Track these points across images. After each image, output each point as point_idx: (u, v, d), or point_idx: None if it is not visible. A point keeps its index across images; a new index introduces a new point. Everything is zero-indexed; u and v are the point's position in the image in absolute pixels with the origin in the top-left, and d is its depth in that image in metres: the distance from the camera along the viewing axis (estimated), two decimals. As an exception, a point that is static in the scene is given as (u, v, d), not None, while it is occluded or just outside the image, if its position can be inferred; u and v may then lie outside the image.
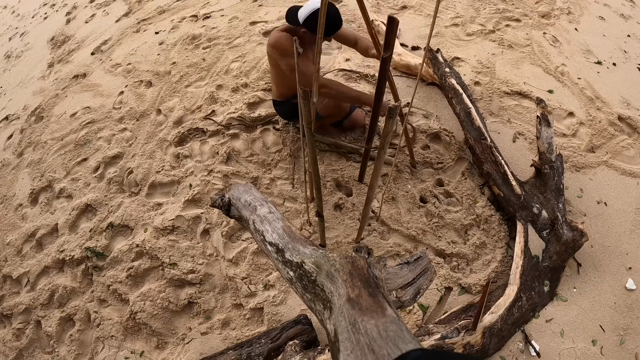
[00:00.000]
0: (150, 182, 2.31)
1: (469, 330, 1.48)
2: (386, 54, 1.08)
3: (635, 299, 1.78)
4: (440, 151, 2.29)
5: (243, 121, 2.52)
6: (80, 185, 2.40)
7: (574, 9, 3.40)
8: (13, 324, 1.98)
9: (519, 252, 1.78)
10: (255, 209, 1.15)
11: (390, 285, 0.96)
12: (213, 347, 1.75)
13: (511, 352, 1.62)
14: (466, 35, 3.09)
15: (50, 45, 4.10)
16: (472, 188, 2.13)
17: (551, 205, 1.87)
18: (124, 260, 2.03)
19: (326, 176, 2.19)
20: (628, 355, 1.63)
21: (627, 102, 2.59)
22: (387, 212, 2.05)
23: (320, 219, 1.67)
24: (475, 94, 2.59)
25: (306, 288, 0.85)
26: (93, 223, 2.21)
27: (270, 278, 1.89)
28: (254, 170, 2.29)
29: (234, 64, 2.98)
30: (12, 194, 2.55)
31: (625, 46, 3.07)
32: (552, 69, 2.79)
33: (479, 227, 2.00)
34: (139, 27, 3.76)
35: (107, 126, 2.74)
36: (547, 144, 1.93)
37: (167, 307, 1.86)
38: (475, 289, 1.81)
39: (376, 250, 1.93)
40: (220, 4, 3.77)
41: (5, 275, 2.15)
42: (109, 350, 1.81)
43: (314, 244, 0.97)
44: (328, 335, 0.68)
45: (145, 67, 3.16)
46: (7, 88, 3.76)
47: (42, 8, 5.06)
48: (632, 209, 2.07)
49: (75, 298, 1.98)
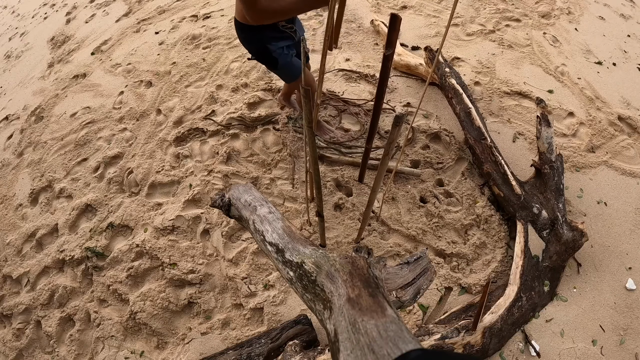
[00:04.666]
0: (150, 182, 2.31)
1: (469, 330, 1.48)
2: (388, 52, 1.08)
3: (635, 299, 1.78)
4: (440, 151, 2.29)
5: (243, 121, 2.52)
6: (80, 185, 2.40)
7: (574, 9, 3.40)
8: (13, 324, 1.98)
9: (519, 252, 1.78)
10: (255, 209, 1.15)
11: (390, 285, 0.96)
12: (213, 347, 1.75)
13: (511, 352, 1.62)
14: (466, 35, 3.10)
15: (50, 45, 4.10)
16: (472, 188, 2.13)
17: (551, 205, 1.87)
18: (124, 260, 2.03)
19: (326, 176, 2.19)
20: (628, 355, 1.63)
21: (627, 102, 2.59)
22: (387, 212, 2.05)
23: (320, 219, 1.66)
24: (475, 94, 2.59)
25: (306, 288, 0.85)
26: (93, 223, 2.21)
27: (270, 278, 1.89)
28: (254, 170, 2.29)
29: (234, 64, 2.98)
30: (12, 194, 2.55)
31: (625, 46, 3.07)
32: (552, 69, 2.79)
33: (479, 227, 2.00)
34: (139, 27, 3.76)
35: (107, 126, 2.74)
36: (547, 144, 1.93)
37: (167, 307, 1.86)
38: (475, 289, 1.81)
39: (376, 250, 1.93)
40: (220, 4, 3.77)
41: (5, 275, 2.15)
42: (109, 350, 1.81)
43: (314, 244, 0.97)
44: (328, 335, 0.68)
45: (145, 67, 3.16)
46: (7, 88, 3.76)
47: (42, 8, 5.06)
48: (632, 209, 2.07)
49: (75, 298, 1.98)
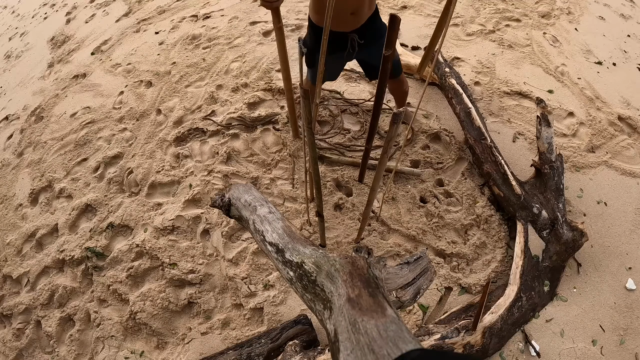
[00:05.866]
0: (150, 182, 2.31)
1: (469, 330, 1.48)
2: (388, 52, 1.08)
3: (635, 299, 1.78)
4: (440, 151, 2.29)
5: (243, 121, 2.52)
6: (80, 185, 2.40)
7: (574, 9, 3.40)
8: (13, 324, 1.98)
9: (519, 252, 1.78)
10: (255, 209, 1.14)
11: (390, 285, 0.96)
12: (213, 347, 1.75)
13: (511, 352, 1.62)
14: (466, 35, 3.09)
15: (50, 45, 4.10)
16: (472, 188, 2.13)
17: (551, 205, 1.87)
18: (124, 260, 2.03)
19: (326, 176, 2.19)
20: (628, 355, 1.63)
21: (627, 102, 2.59)
22: (387, 212, 2.05)
23: (320, 219, 1.66)
24: (475, 94, 2.59)
25: (306, 288, 0.85)
26: (93, 223, 2.21)
27: (270, 278, 1.89)
28: (254, 170, 2.29)
29: (234, 64, 2.98)
30: (12, 194, 2.55)
31: (625, 46, 3.07)
32: (552, 69, 2.79)
33: (479, 227, 2.00)
34: (139, 27, 3.76)
35: (107, 126, 2.74)
36: (547, 144, 1.93)
37: (167, 307, 1.86)
38: (475, 289, 1.81)
39: (376, 250, 1.93)
40: (220, 4, 3.77)
41: (5, 275, 2.15)
42: (109, 350, 1.81)
43: (314, 244, 0.96)
44: (328, 335, 0.68)
45: (145, 67, 3.16)
46: (7, 88, 3.76)
47: (42, 8, 5.06)
48: (632, 209, 2.07)
49: (75, 298, 1.98)
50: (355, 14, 1.50)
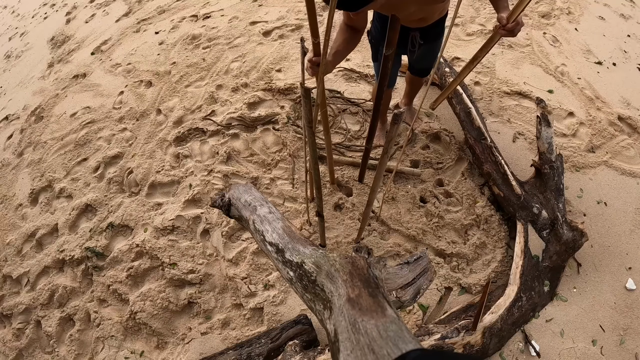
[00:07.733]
0: (150, 182, 2.31)
1: (469, 330, 1.48)
2: (388, 52, 1.08)
3: (635, 299, 1.78)
4: (440, 151, 2.29)
5: (243, 121, 2.52)
6: (80, 185, 2.40)
7: (574, 9, 3.40)
8: (13, 324, 1.98)
9: (519, 252, 1.78)
10: (255, 209, 1.14)
11: (390, 285, 0.96)
12: (213, 347, 1.75)
13: (511, 352, 1.62)
14: (466, 35, 3.09)
15: (50, 45, 4.10)
16: (472, 188, 2.13)
17: (551, 205, 1.87)
18: (124, 260, 2.03)
19: (326, 176, 2.19)
20: (628, 355, 1.63)
21: (627, 102, 2.59)
22: (387, 212, 2.05)
23: (320, 219, 1.66)
24: (475, 94, 2.59)
25: (306, 288, 0.85)
26: (93, 223, 2.21)
27: (270, 278, 1.89)
28: (254, 170, 2.29)
29: (234, 64, 2.98)
30: (12, 194, 2.55)
31: (625, 46, 3.07)
32: (552, 69, 2.79)
33: (479, 227, 2.00)
34: (139, 27, 3.76)
35: (107, 126, 2.74)
36: (547, 144, 1.93)
37: (167, 307, 1.86)
38: (475, 289, 1.81)
39: (376, 250, 1.93)
40: (220, 4, 3.77)
41: (5, 275, 2.15)
42: (109, 350, 1.81)
43: (314, 244, 0.96)
44: (328, 335, 0.68)
45: (145, 67, 3.16)
46: (7, 88, 3.76)
47: (42, 8, 5.06)
48: (632, 209, 2.07)
49: (75, 298, 1.98)
50: (422, 20, 1.43)
